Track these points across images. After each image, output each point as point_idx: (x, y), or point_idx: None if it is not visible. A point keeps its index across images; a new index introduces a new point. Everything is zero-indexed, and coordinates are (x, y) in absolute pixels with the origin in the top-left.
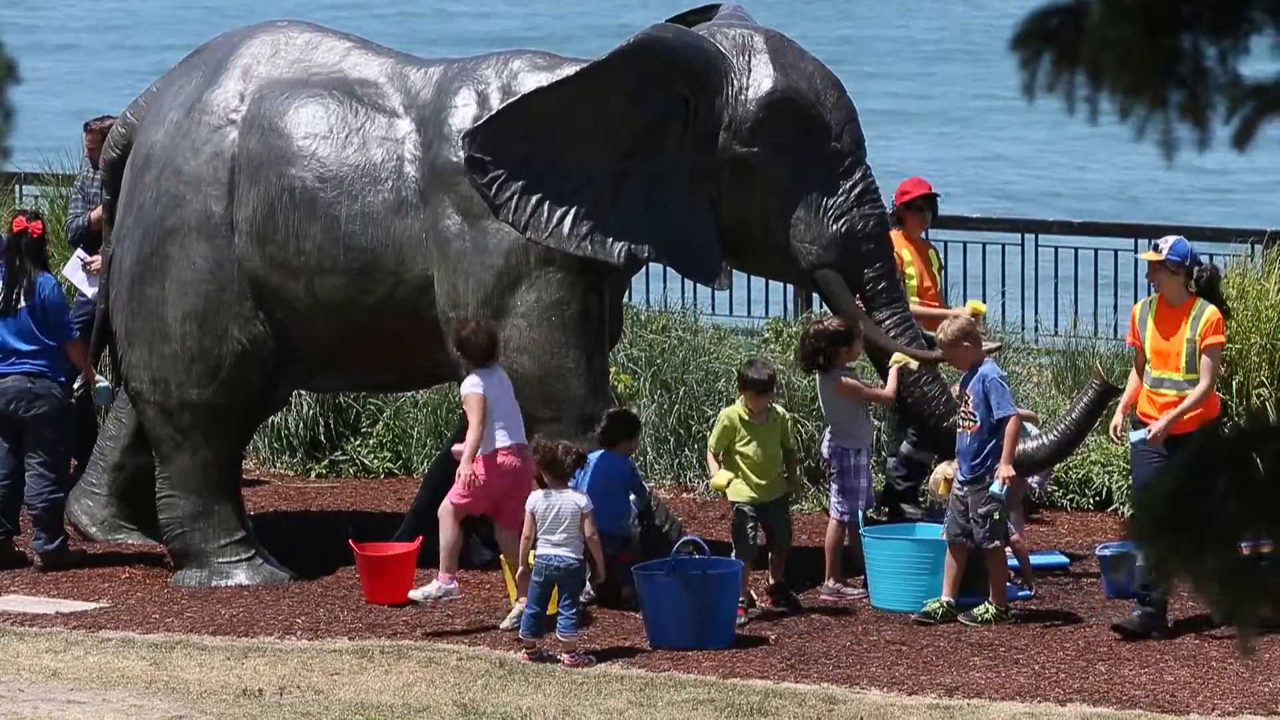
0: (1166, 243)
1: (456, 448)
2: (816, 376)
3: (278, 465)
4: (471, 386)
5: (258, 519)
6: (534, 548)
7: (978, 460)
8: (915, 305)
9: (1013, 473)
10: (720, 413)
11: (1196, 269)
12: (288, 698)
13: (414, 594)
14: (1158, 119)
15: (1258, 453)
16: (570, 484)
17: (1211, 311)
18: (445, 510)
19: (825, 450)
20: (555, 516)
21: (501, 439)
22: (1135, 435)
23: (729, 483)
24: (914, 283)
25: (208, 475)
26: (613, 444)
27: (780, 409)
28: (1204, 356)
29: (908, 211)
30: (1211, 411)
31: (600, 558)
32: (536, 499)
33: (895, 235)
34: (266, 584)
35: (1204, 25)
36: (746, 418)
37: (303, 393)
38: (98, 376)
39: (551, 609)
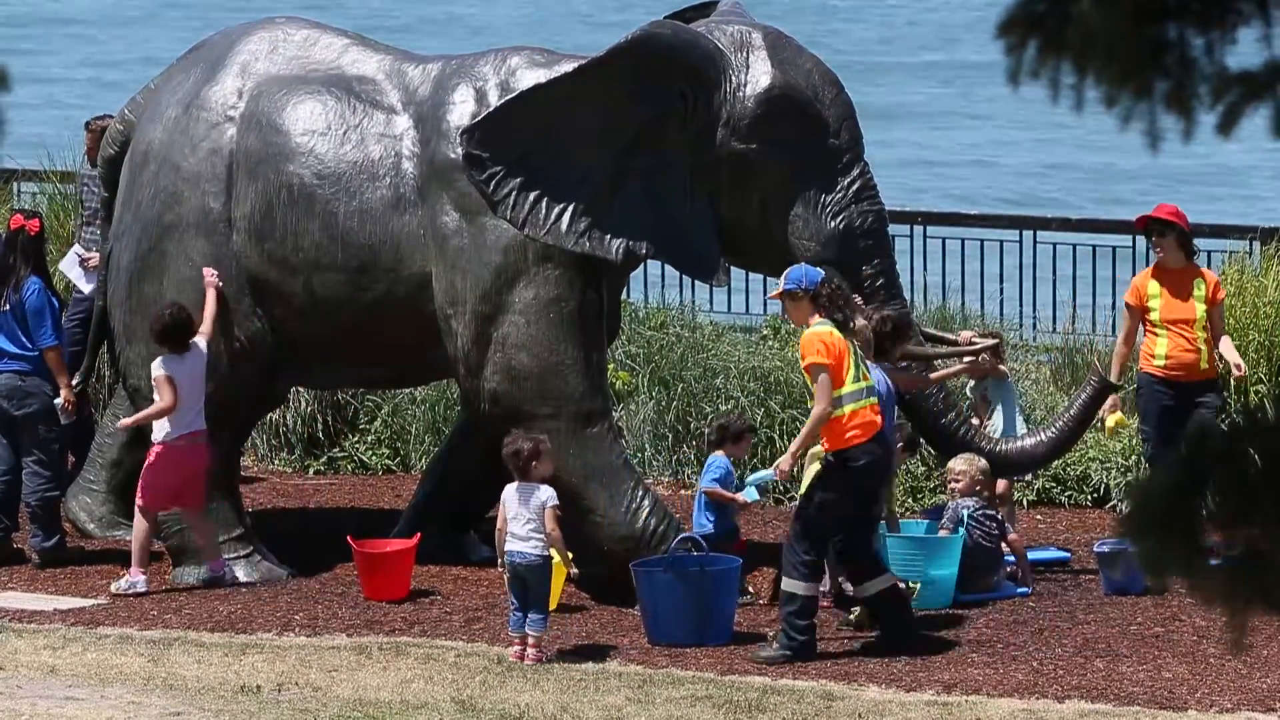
0: (785, 275)
1: (123, 422)
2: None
3: (276, 462)
4: (156, 367)
5: (256, 516)
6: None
7: None
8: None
9: (786, 466)
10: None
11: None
12: (286, 694)
13: (112, 587)
14: (1143, 108)
15: (1252, 449)
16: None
17: (805, 334)
18: (136, 511)
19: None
20: (520, 510)
21: (173, 429)
22: (750, 482)
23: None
24: (1155, 315)
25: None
26: (718, 445)
27: None
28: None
29: (1151, 238)
30: (850, 441)
31: (565, 552)
32: (509, 491)
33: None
34: (265, 581)
35: (1191, 16)
36: None
37: (301, 389)
38: (63, 393)
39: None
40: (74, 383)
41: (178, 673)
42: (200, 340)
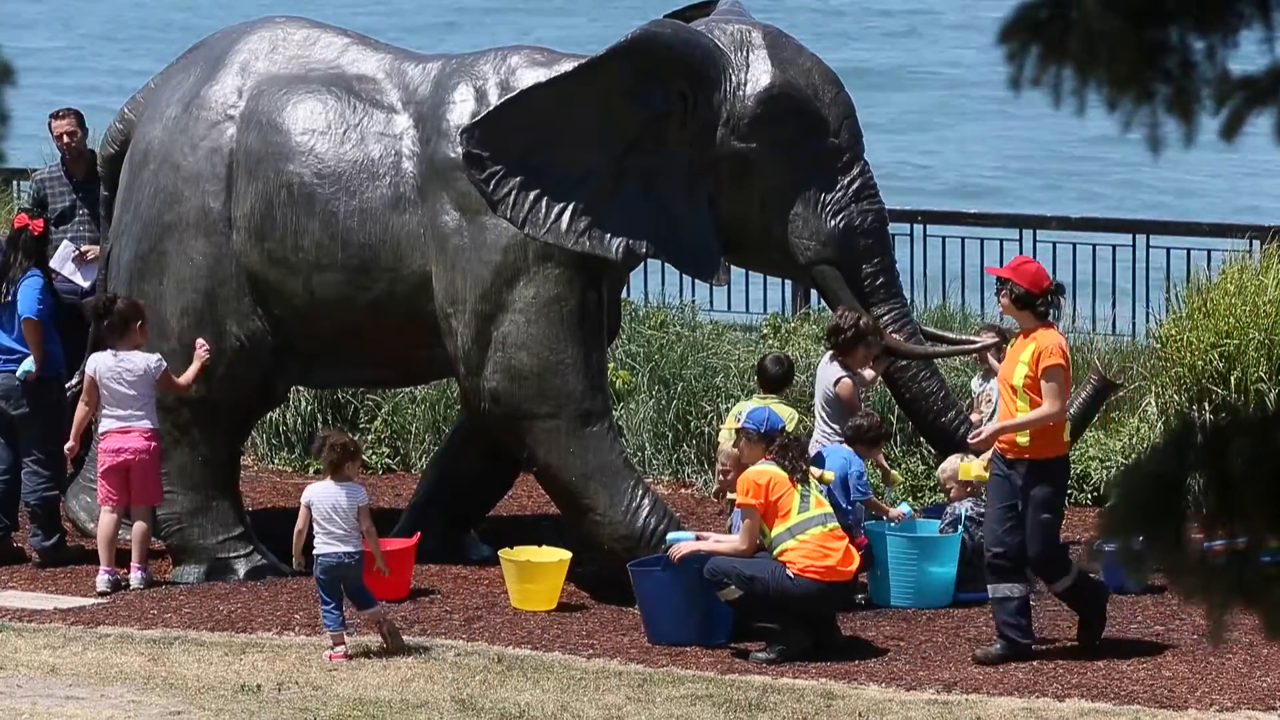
0: (747, 413)
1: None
2: (823, 361)
3: (276, 461)
4: (89, 365)
5: (256, 515)
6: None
7: None
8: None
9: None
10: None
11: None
12: (286, 693)
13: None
14: (1145, 113)
15: (1234, 447)
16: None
17: (744, 474)
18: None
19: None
20: (332, 510)
21: (105, 424)
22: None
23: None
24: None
25: (206, 471)
26: (851, 442)
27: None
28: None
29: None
30: (804, 571)
31: (378, 551)
32: (315, 491)
33: None
34: (265, 580)
35: (1192, 19)
36: None
37: (301, 389)
38: (28, 362)
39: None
40: (73, 382)
41: (178, 672)
42: (154, 358)
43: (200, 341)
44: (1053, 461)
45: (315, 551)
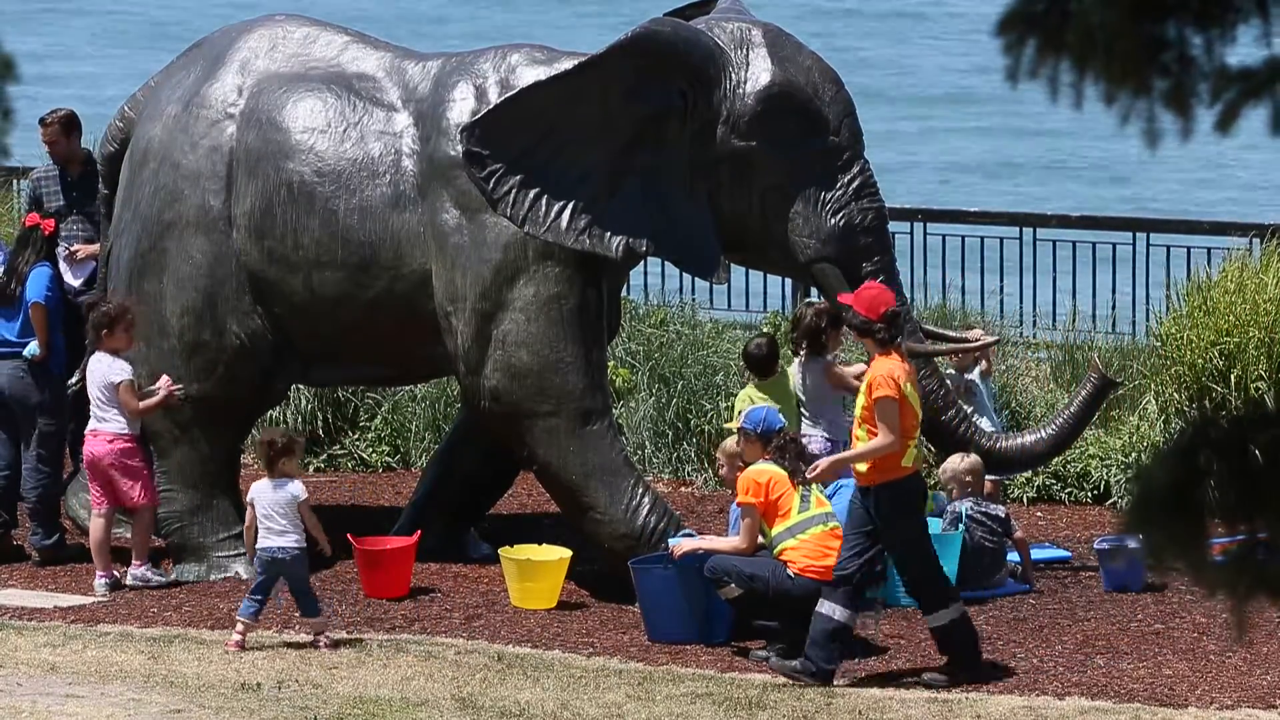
0: (746, 414)
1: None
2: (800, 362)
3: None
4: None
5: None
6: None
7: None
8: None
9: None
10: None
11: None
12: (286, 691)
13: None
14: (1142, 107)
15: (1254, 441)
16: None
17: (744, 472)
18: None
19: (812, 445)
20: (271, 505)
21: (90, 425)
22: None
23: None
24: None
25: (206, 469)
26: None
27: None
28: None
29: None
30: (804, 571)
31: (323, 538)
32: (255, 489)
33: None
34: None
35: (1190, 13)
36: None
37: (301, 387)
38: (34, 345)
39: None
40: (73, 381)
41: (178, 670)
42: (117, 366)
43: (167, 381)
44: (900, 482)
45: (257, 545)
